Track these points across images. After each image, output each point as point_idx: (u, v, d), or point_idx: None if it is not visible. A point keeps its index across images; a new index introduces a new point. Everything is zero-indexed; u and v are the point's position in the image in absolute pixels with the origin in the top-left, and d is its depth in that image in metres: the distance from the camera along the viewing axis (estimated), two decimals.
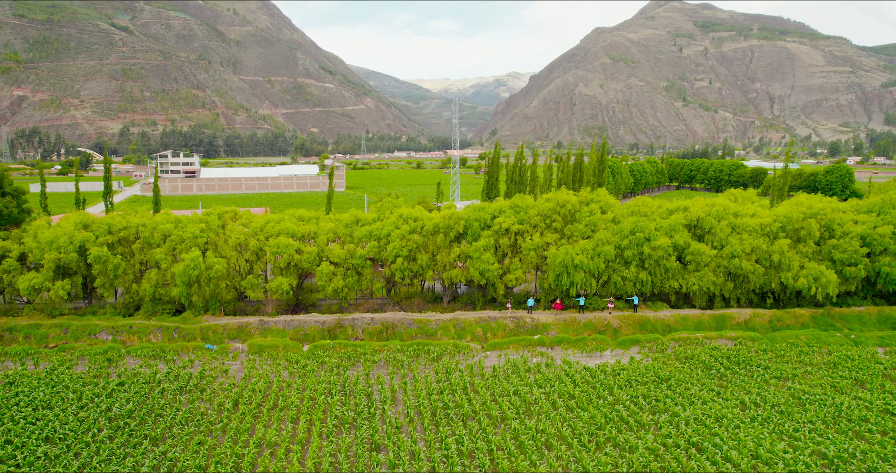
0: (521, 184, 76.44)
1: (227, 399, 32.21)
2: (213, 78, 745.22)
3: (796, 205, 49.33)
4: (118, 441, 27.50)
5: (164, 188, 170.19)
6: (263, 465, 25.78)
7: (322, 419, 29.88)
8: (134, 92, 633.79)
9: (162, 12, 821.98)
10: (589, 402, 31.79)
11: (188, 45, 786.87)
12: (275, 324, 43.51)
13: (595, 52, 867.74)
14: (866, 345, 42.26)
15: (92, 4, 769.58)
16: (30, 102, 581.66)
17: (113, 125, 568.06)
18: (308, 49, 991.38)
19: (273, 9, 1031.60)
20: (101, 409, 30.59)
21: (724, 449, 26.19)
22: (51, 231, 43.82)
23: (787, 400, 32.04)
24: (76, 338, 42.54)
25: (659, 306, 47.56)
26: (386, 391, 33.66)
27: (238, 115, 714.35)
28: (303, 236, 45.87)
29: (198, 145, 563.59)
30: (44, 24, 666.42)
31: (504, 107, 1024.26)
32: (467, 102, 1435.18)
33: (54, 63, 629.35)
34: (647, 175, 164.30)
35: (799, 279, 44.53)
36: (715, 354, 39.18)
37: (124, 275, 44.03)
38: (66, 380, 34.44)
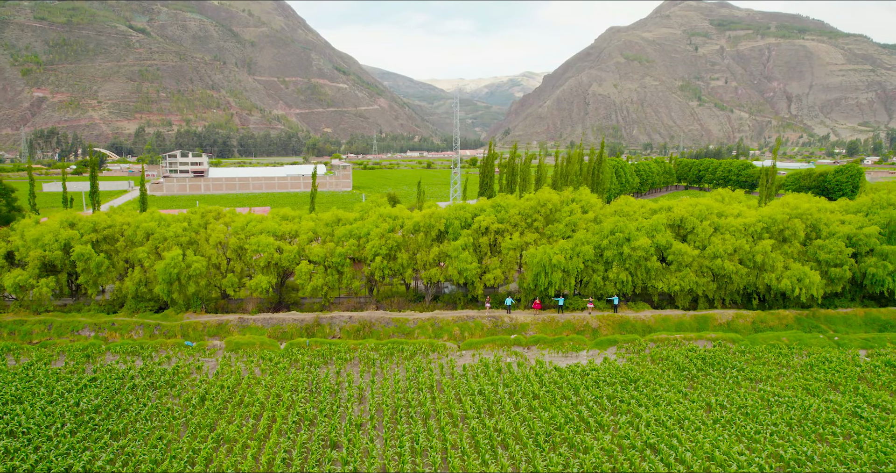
0: (512, 184, 76.16)
1: (194, 395, 32.56)
2: (227, 78, 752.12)
3: (782, 205, 48.69)
4: (80, 435, 27.94)
5: (171, 188, 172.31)
6: (218, 460, 26.02)
7: (284, 415, 30.09)
8: (150, 93, 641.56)
9: (178, 14, 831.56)
10: (552, 402, 31.68)
11: (204, 46, 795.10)
12: (254, 322, 43.89)
13: (609, 52, 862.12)
14: (849, 347, 41.60)
15: (110, 6, 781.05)
16: (49, 103, 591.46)
17: (129, 126, 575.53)
18: (322, 50, 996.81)
19: (288, 9, 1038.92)
20: (68, 404, 31.10)
21: (680, 451, 25.97)
22: (37, 229, 44.61)
23: (755, 402, 31.65)
24: (59, 334, 43.27)
25: (641, 306, 47.21)
26: (353, 388, 33.86)
27: (252, 115, 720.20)
28: (284, 235, 46.20)
29: (212, 145, 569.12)
30: (63, 27, 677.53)
31: (518, 107, 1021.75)
32: (481, 102, 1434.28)
33: (73, 65, 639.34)
34: (654, 175, 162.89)
35: (783, 280, 43.94)
36: (691, 355, 38.81)
37: (108, 272, 44.68)
38: (40, 375, 35.07)
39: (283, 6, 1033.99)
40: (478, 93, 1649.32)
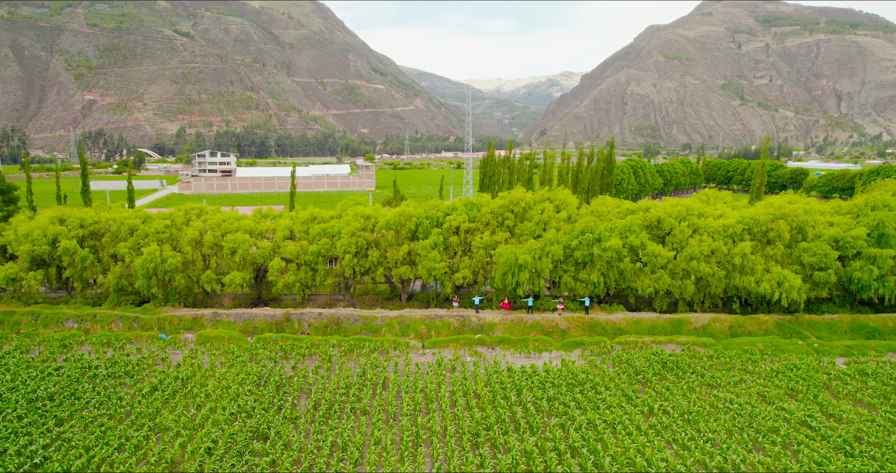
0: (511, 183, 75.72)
1: (146, 385, 33.64)
2: (266, 80, 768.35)
3: (767, 206, 47.06)
4: (26, 420, 29.22)
5: (199, 187, 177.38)
6: (147, 447, 26.88)
7: (225, 407, 30.78)
8: (192, 95, 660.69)
9: (221, 17, 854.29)
10: (491, 402, 31.51)
11: (244, 49, 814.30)
12: (227, 316, 44.96)
13: (648, 51, 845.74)
14: (828, 354, 40.00)
15: (157, 12, 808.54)
16: (99, 106, 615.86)
17: (171, 126, 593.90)
18: (360, 51, 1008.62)
19: (327, 12, 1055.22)
20: (27, 391, 32.55)
21: (601, 455, 25.50)
22: (27, 225, 46.73)
23: (702, 409, 30.78)
24: (45, 325, 45.23)
25: (615, 308, 46.36)
26: (302, 383, 34.40)
27: (290, 116, 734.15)
28: (260, 233, 47.16)
29: (250, 146, 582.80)
30: (113, 32, 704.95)
31: (554, 107, 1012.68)
32: (519, 103, 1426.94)
33: (122, 68, 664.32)
34: (679, 176, 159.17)
35: (762, 284, 42.51)
36: (653, 359, 37.95)
37: (93, 267, 46.47)
38: (11, 363, 36.76)
39: (323, 9, 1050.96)
40: (516, 93, 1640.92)
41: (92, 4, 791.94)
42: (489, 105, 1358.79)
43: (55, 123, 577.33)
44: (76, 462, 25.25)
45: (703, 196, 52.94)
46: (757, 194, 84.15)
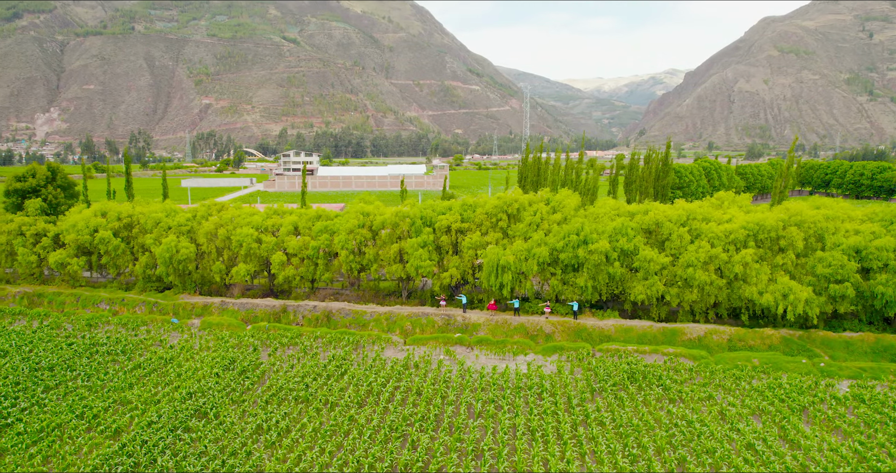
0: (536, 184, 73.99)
1: (133, 363, 37.10)
2: (365, 83, 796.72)
3: (782, 211, 43.36)
4: (21, 386, 33.33)
5: (282, 184, 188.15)
6: (103, 417, 29.87)
7: (186, 387, 33.33)
8: (296, 97, 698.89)
9: (326, 23, 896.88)
10: (429, 400, 31.79)
11: (346, 53, 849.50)
12: (232, 305, 48.20)
13: (761, 45, 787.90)
14: (834, 376, 36.42)
15: (269, 21, 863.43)
16: (213, 109, 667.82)
17: (275, 127, 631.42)
18: (457, 52, 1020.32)
19: (426, 15, 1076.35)
20: (35, 361, 37.01)
21: (501, 459, 25.21)
22: (75, 217, 52.60)
23: (645, 423, 29.36)
24: (84, 306, 50.75)
25: (608, 314, 44.72)
26: (266, 369, 36.45)
27: (386, 117, 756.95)
28: (267, 228, 50.04)
29: (346, 146, 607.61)
30: (229, 41, 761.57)
31: (656, 106, 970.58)
32: (619, 102, 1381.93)
33: (234, 74, 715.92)
34: (764, 178, 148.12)
35: (765, 295, 39.42)
36: (626, 368, 36.36)
37: (124, 255, 51.48)
38: (37, 337, 41.75)
39: (422, 12, 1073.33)
40: (616, 92, 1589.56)
41: (213, 16, 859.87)
42: (588, 105, 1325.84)
43: (177, 126, 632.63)
44: (35, 425, 28.63)
45: (717, 199, 49.45)
46: (779, 198, 76.88)
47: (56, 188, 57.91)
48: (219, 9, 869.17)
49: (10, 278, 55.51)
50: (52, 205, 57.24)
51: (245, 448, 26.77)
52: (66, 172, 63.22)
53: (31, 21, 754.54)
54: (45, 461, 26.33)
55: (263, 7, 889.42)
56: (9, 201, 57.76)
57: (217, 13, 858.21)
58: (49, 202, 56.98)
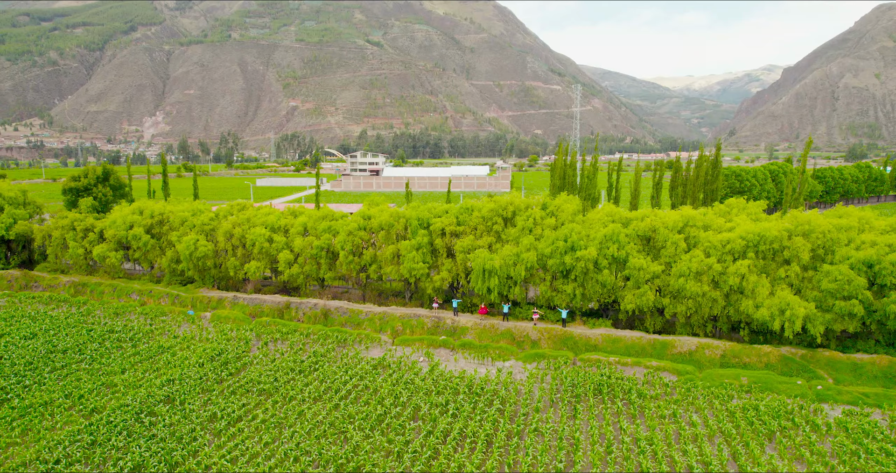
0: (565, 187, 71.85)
1: (134, 350, 40.33)
2: (445, 84, 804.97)
3: (790, 220, 40.38)
4: (31, 366, 37.19)
5: (349, 185, 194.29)
6: (87, 397, 32.83)
7: (167, 374, 35.87)
8: (377, 99, 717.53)
9: (409, 26, 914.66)
10: (381, 401, 32.44)
11: (427, 55, 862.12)
12: (243, 300, 51.02)
13: (873, 35, 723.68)
14: (830, 400, 33.70)
15: (354, 25, 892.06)
16: (300, 111, 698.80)
17: (356, 129, 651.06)
18: (539, 52, 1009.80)
19: (508, 15, 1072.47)
20: (52, 344, 41.06)
21: (406, 463, 25.56)
22: (115, 214, 57.53)
23: (588, 437, 28.66)
24: (118, 296, 55.41)
25: (599, 323, 43.48)
26: (247, 362, 38.50)
27: (465, 118, 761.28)
28: (279, 228, 52.48)
29: (424, 147, 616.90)
30: (316, 45, 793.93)
31: (749, 104, 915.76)
32: (710, 101, 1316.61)
33: (320, 77, 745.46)
34: (847, 183, 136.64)
35: (761, 309, 37.06)
36: (597, 380, 35.38)
37: (154, 250, 55.71)
38: (64, 322, 46.20)
39: (504, 12, 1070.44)
40: (708, 90, 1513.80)
41: (303, 22, 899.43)
42: (676, 104, 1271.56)
43: (265, 127, 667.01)
44: (27, 401, 31.98)
45: (726, 206, 46.58)
46: (791, 205, 70.31)
47: (106, 187, 63.56)
48: (308, 15, 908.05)
49: (64, 269, 61.44)
50: (102, 203, 62.89)
51: (193, 433, 28.67)
52: (154, 172, 69.03)
53: (144, 33, 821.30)
54: (22, 433, 29.42)
55: (349, 12, 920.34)
56: (65, 199, 63.97)
57: (306, 19, 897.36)
58: (99, 200, 62.65)
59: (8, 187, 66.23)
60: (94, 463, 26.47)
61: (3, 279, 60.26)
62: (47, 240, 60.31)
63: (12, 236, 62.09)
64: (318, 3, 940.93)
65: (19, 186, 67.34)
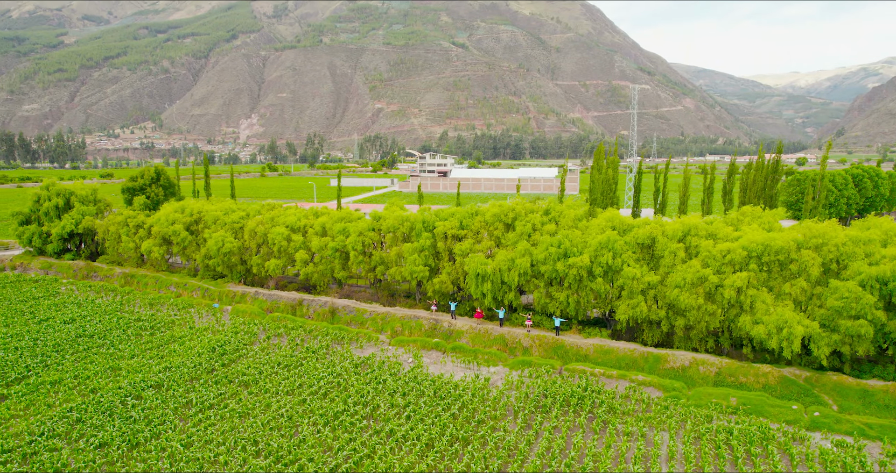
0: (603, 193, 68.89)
1: (149, 338, 43.75)
2: (529, 85, 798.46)
3: (804, 230, 37.31)
4: (57, 348, 41.30)
5: (415, 186, 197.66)
6: (92, 378, 36.11)
7: (165, 363, 38.66)
8: (460, 100, 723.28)
9: (494, 27, 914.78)
10: (346, 399, 33.33)
11: (512, 55, 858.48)
12: (263, 296, 53.77)
13: None
14: (824, 429, 31.11)
15: (440, 27, 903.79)
16: (384, 113, 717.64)
17: (439, 130, 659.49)
18: (628, 51, 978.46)
19: (596, 14, 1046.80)
20: (82, 329, 45.31)
21: (339, 459, 26.25)
22: (161, 212, 62.32)
23: (531, 447, 28.16)
24: (159, 287, 60.04)
25: (594, 333, 42.19)
26: (244, 354, 40.71)
27: (548, 118, 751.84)
28: (299, 228, 54.81)
29: (505, 148, 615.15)
30: (402, 48, 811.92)
31: (863, 102, 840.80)
32: (817, 99, 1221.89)
33: (405, 79, 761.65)
34: None
35: (757, 326, 34.71)
36: (569, 391, 34.49)
37: (191, 246, 59.84)
38: (101, 311, 50.76)
39: (592, 11, 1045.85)
40: (816, 87, 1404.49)
41: (390, 26, 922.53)
42: (778, 103, 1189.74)
43: (351, 129, 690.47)
44: (41, 378, 35.69)
45: (740, 214, 43.47)
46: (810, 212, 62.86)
47: (158, 187, 68.99)
48: (395, 18, 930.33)
49: (120, 261, 67.26)
50: (154, 201, 68.30)
51: (163, 417, 30.93)
52: (239, 170, 74.27)
53: (244, 40, 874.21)
54: (26, 407, 32.89)
55: (436, 14, 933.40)
56: (124, 198, 70.04)
57: (394, 22, 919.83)
58: (151, 199, 68.07)
59: (81, 186, 73.30)
60: (70, 439, 29.22)
61: (70, 269, 66.93)
62: (106, 234, 66.31)
63: (81, 231, 68.76)
64: (406, 7, 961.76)
65: (91, 185, 74.36)
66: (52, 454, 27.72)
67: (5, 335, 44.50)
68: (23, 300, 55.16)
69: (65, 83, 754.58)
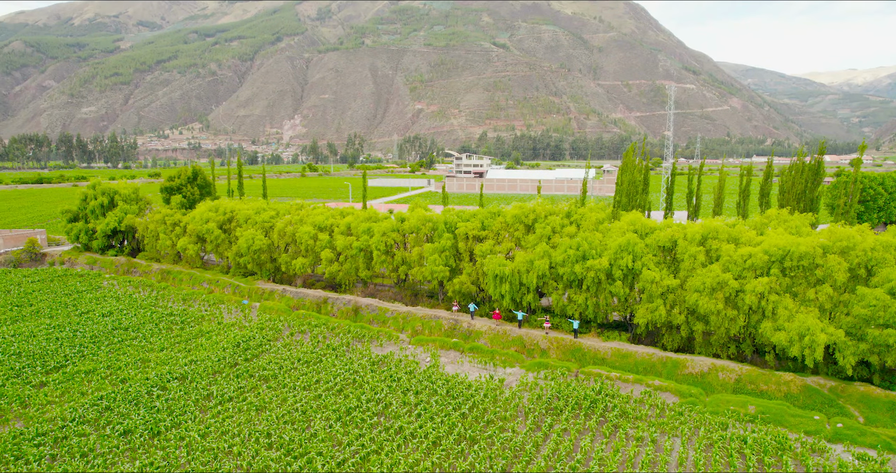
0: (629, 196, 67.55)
1: (179, 333, 45.53)
2: (570, 85, 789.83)
3: (829, 235, 36.08)
4: (94, 339, 43.42)
5: (451, 186, 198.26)
6: (123, 368, 37.87)
7: (191, 357, 40.15)
8: (500, 101, 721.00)
9: (535, 27, 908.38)
10: (360, 395, 34.03)
11: (553, 56, 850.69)
12: (290, 293, 55.16)
13: None
14: (847, 441, 30.14)
15: (481, 28, 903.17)
16: (424, 114, 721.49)
17: (478, 131, 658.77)
18: (672, 50, 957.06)
19: (640, 12, 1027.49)
20: (118, 322, 47.48)
21: (303, 443, 26.88)
22: (196, 211, 64.61)
23: (537, 449, 28.23)
24: (193, 283, 62.26)
25: (613, 336, 41.74)
26: (266, 349, 41.95)
27: (589, 119, 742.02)
28: (325, 227, 55.97)
29: (545, 148, 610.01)
30: (442, 49, 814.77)
31: None
32: (876, 96, 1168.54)
33: (445, 80, 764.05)
34: None
35: (778, 333, 33.83)
36: (583, 394, 34.33)
37: (224, 244, 61.84)
38: (137, 305, 53.03)
39: (636, 9, 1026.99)
40: (874, 85, 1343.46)
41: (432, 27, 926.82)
42: (832, 101, 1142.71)
43: (392, 129, 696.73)
44: (77, 368, 37.66)
45: (765, 218, 42.18)
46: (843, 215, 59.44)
47: (194, 187, 71.51)
48: (437, 19, 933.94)
49: (158, 258, 70.00)
50: (191, 200, 70.82)
51: (184, 408, 32.24)
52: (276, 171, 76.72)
53: (288, 43, 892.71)
54: (61, 395, 34.77)
55: (477, 15, 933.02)
56: (162, 197, 72.86)
57: (435, 23, 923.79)
58: (188, 198, 70.61)
59: (124, 185, 76.60)
60: (98, 425, 30.80)
61: (113, 264, 70.05)
62: (146, 232, 69.12)
63: (123, 228, 71.88)
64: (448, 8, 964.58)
65: (133, 184, 77.63)
66: (80, 439, 29.27)
67: (49, 326, 47.03)
68: (67, 293, 58.09)
69: (120, 86, 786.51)
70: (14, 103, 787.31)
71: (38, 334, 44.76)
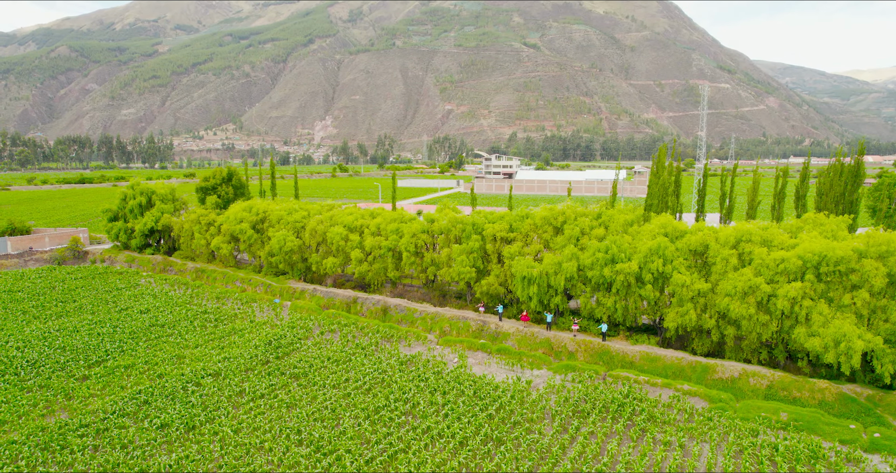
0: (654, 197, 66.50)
1: (211, 330, 46.78)
2: (601, 85, 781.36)
3: (865, 239, 35.18)
4: (132, 335, 44.95)
5: (480, 187, 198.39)
6: (160, 364, 39.14)
7: (224, 353, 41.25)
8: (530, 101, 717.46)
9: (566, 27, 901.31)
10: (388, 395, 34.52)
11: (584, 55, 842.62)
12: (320, 293, 56.11)
13: None
14: (886, 452, 29.40)
15: (511, 28, 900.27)
16: (454, 114, 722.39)
17: (508, 131, 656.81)
18: (706, 48, 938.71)
19: (674, 11, 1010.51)
20: (154, 319, 49.02)
21: (327, 437, 27.35)
22: (229, 211, 66.18)
23: (560, 450, 28.29)
24: (226, 282, 63.79)
25: (642, 340, 41.40)
26: (295, 348, 42.82)
27: (620, 119, 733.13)
28: (355, 228, 56.77)
29: (575, 149, 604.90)
30: (473, 50, 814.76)
31: None
32: None
33: (475, 81, 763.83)
34: None
35: (813, 339, 33.20)
36: (610, 397, 34.22)
37: (256, 243, 63.21)
38: (173, 303, 54.63)
39: (669, 8, 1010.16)
40: None
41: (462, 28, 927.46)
42: (876, 100, 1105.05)
43: (422, 130, 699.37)
44: (117, 362, 39.08)
45: (801, 221, 41.18)
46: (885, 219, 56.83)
47: (229, 187, 73.24)
48: (467, 20, 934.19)
49: (193, 256, 71.89)
50: (225, 200, 72.55)
51: (217, 403, 33.21)
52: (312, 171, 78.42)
53: (320, 45, 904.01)
54: (102, 388, 36.13)
55: (507, 15, 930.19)
56: (197, 197, 74.80)
57: (465, 24, 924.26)
58: (222, 198, 72.35)
59: (161, 186, 78.88)
60: (137, 418, 31.94)
61: (150, 263, 72.23)
62: (181, 231, 71.06)
63: (160, 228, 74.05)
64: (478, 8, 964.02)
65: (170, 185, 79.94)
66: (120, 431, 30.41)
67: (91, 321, 48.84)
68: (108, 290, 60.17)
69: (157, 89, 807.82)
70: (59, 106, 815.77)
71: (81, 329, 46.54)
